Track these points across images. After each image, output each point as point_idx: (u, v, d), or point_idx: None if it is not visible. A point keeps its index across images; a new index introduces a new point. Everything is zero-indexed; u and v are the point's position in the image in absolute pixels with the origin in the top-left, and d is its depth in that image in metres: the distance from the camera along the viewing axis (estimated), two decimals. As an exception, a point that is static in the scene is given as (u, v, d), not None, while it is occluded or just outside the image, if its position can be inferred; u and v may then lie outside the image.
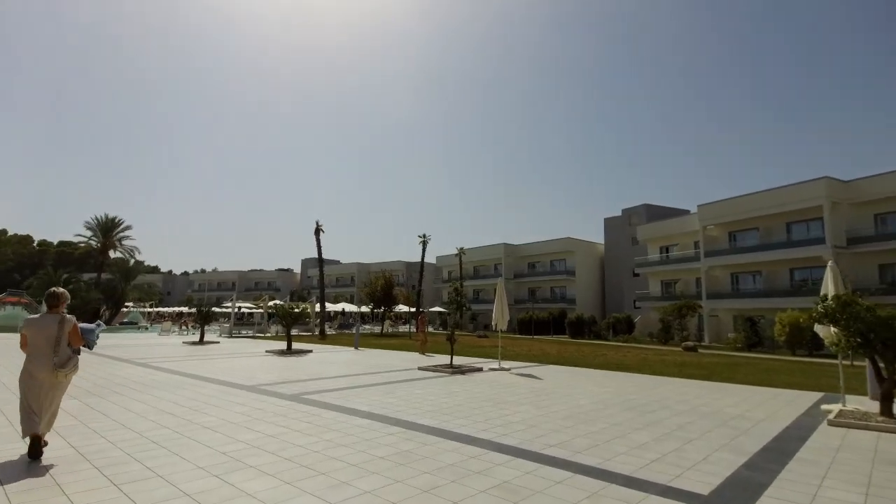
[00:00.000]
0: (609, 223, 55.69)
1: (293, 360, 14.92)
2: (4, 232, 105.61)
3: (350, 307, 46.36)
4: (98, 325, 5.55)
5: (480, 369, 12.16)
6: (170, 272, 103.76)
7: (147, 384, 9.07)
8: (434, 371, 11.71)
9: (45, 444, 4.51)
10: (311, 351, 18.03)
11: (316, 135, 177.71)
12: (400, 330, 42.97)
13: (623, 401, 8.14)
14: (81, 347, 4.83)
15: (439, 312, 52.46)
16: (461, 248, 54.00)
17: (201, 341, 22.68)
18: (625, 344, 30.64)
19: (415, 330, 36.83)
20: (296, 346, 19.08)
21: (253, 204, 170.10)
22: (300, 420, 6.12)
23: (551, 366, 13.94)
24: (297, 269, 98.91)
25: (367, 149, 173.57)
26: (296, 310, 18.56)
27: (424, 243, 46.08)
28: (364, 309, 46.75)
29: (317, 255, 35.26)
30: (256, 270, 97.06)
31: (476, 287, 61.04)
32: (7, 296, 34.26)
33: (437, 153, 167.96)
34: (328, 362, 14.27)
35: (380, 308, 36.64)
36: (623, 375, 12.17)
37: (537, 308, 47.89)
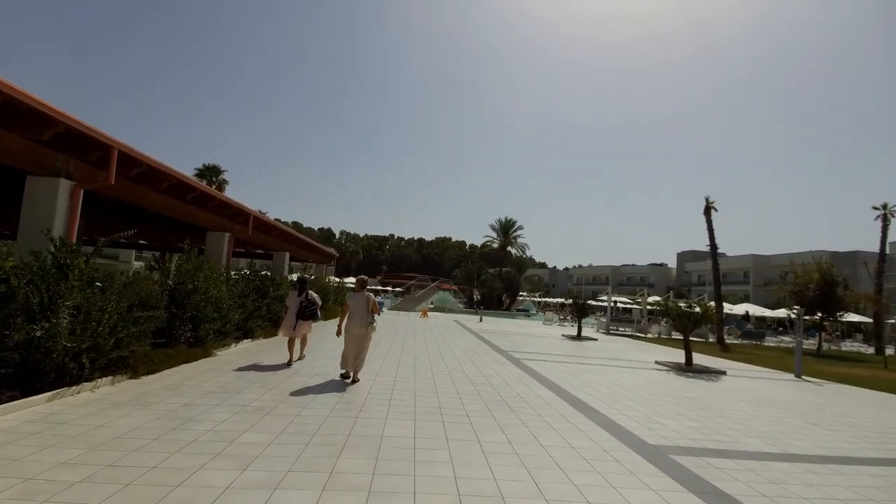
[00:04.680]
0: None
1: (703, 387, 9.98)
2: (449, 239, 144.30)
3: (758, 310, 35.51)
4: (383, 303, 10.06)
5: None
6: (554, 268, 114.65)
7: (507, 401, 6.58)
8: None
9: (357, 380, 7.07)
10: (723, 372, 12.43)
11: (705, 108, 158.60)
12: (843, 348, 29.22)
13: None
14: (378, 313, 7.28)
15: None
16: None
17: (578, 336, 20.78)
18: None
19: (887, 352, 23.42)
20: (696, 359, 13.87)
21: (624, 196, 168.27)
22: None
23: None
24: (671, 263, 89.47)
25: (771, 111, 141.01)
26: (695, 310, 13.38)
27: (886, 217, 29.92)
28: (780, 313, 34.82)
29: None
30: (628, 265, 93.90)
31: None
32: (441, 283, 44.09)
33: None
34: (770, 403, 8.57)
35: (814, 314, 25.30)
36: None
37: None
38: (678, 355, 15.93)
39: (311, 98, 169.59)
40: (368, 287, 8.02)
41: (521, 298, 56.08)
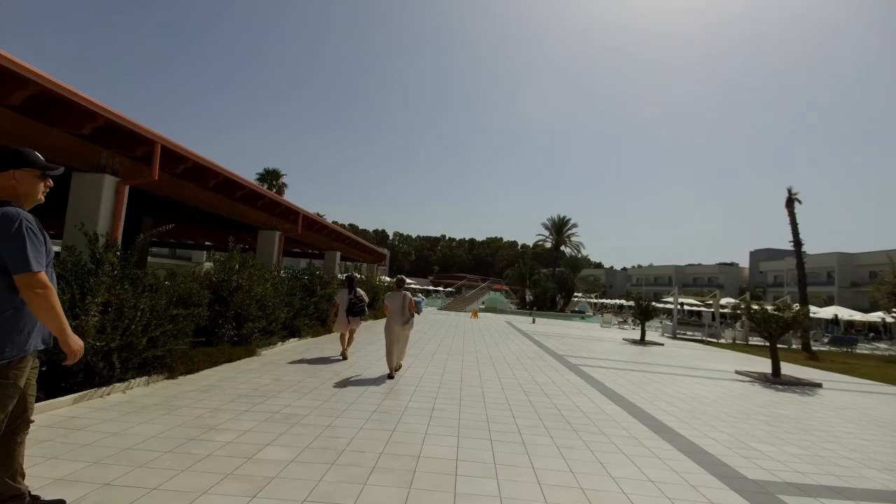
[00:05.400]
0: None
1: (798, 402, 8.57)
2: (501, 239, 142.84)
3: (848, 313, 31.71)
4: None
5: None
6: (611, 268, 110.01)
7: (566, 416, 5.76)
8: None
9: (399, 367, 7.70)
10: (818, 385, 10.77)
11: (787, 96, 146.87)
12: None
13: None
14: (416, 312, 7.70)
15: None
16: None
17: (642, 340, 19.22)
18: None
19: None
20: (783, 368, 12.18)
21: (687, 192, 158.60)
22: None
23: None
24: (743, 262, 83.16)
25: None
26: (782, 314, 11.71)
27: None
28: (873, 317, 30.94)
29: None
30: (693, 265, 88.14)
31: None
32: (492, 283, 43.16)
33: None
34: (884, 424, 7.09)
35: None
36: None
37: None
38: (760, 364, 14.23)
39: (364, 103, 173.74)
40: (417, 287, 8.73)
41: (575, 299, 53.92)
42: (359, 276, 19.78)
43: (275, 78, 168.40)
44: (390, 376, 7.24)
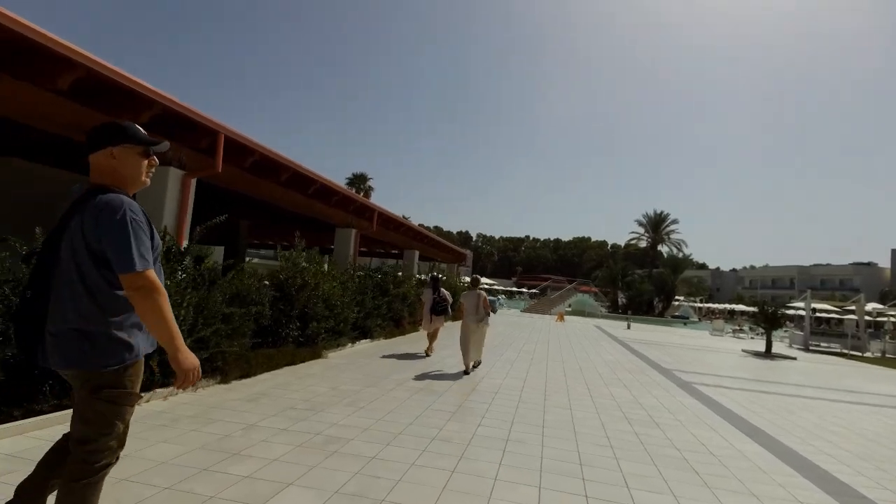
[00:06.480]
0: None
1: None
2: (588, 239, 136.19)
3: None
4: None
5: None
6: (717, 269, 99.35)
7: (689, 460, 4.28)
8: None
9: (478, 364, 7.95)
10: None
11: None
12: None
13: None
14: (490, 311, 7.90)
15: None
16: None
17: (768, 353, 16.25)
18: None
19: None
20: None
21: (806, 183, 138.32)
22: None
23: None
24: (884, 262, 70.51)
25: None
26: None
27: None
28: None
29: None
30: (820, 265, 76.30)
31: None
32: (579, 284, 40.51)
33: None
34: None
35: None
36: None
37: None
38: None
39: (457, 108, 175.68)
40: (499, 288, 9.13)
41: (676, 303, 48.98)
42: (443, 276, 19.14)
43: (352, 83, 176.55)
44: (466, 373, 7.45)
